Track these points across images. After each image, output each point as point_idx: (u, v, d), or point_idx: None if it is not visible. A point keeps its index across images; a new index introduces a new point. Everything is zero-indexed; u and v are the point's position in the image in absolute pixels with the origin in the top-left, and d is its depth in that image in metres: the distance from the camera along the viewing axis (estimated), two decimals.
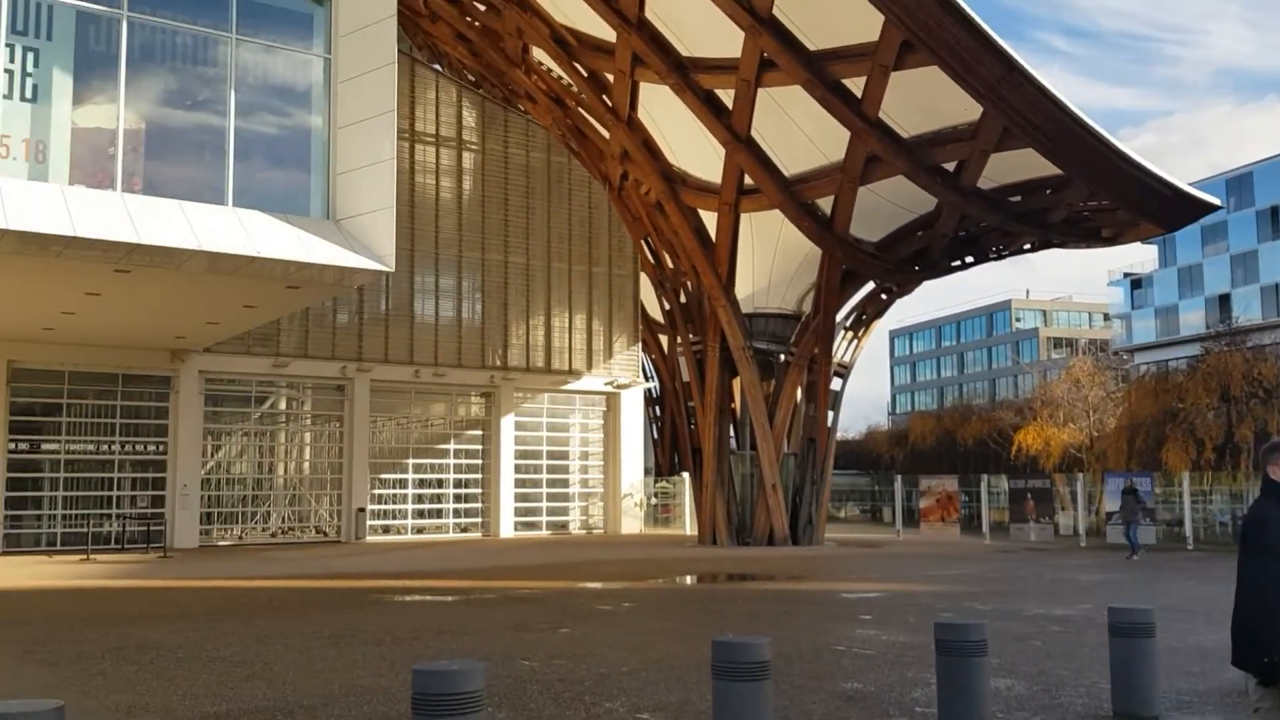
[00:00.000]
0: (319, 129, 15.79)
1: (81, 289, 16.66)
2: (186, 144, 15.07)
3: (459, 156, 29.71)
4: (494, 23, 25.60)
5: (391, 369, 27.97)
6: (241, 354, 25.66)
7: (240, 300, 17.77)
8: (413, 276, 28.48)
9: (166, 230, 13.38)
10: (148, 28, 14.72)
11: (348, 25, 16.00)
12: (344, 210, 15.15)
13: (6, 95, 13.46)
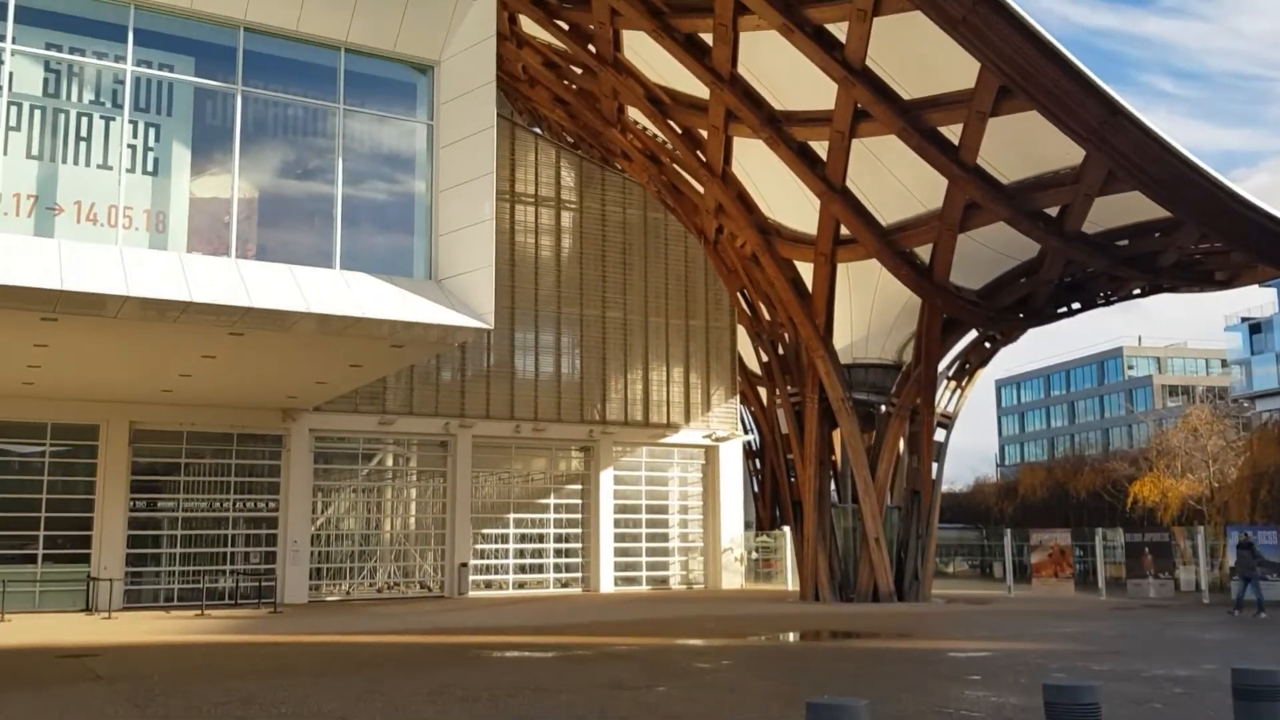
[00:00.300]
0: (422, 193, 16.32)
1: (198, 352, 17.36)
2: (297, 210, 15.71)
3: (558, 215, 30.28)
4: (590, 85, 26.14)
5: (493, 425, 28.38)
6: (349, 412, 26.35)
7: (347, 360, 18.30)
8: (513, 333, 28.97)
9: (277, 294, 13.91)
10: (261, 101, 15.46)
11: (449, 93, 16.55)
12: (446, 270, 15.56)
13: (130, 169, 14.25)
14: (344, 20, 15.82)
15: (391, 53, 16.41)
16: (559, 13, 23.35)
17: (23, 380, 20.22)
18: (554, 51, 25.80)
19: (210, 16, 15.13)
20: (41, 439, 23.68)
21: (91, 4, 14.57)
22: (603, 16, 21.84)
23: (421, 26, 16.33)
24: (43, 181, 13.94)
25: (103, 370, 19.62)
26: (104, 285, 13.20)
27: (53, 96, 14.26)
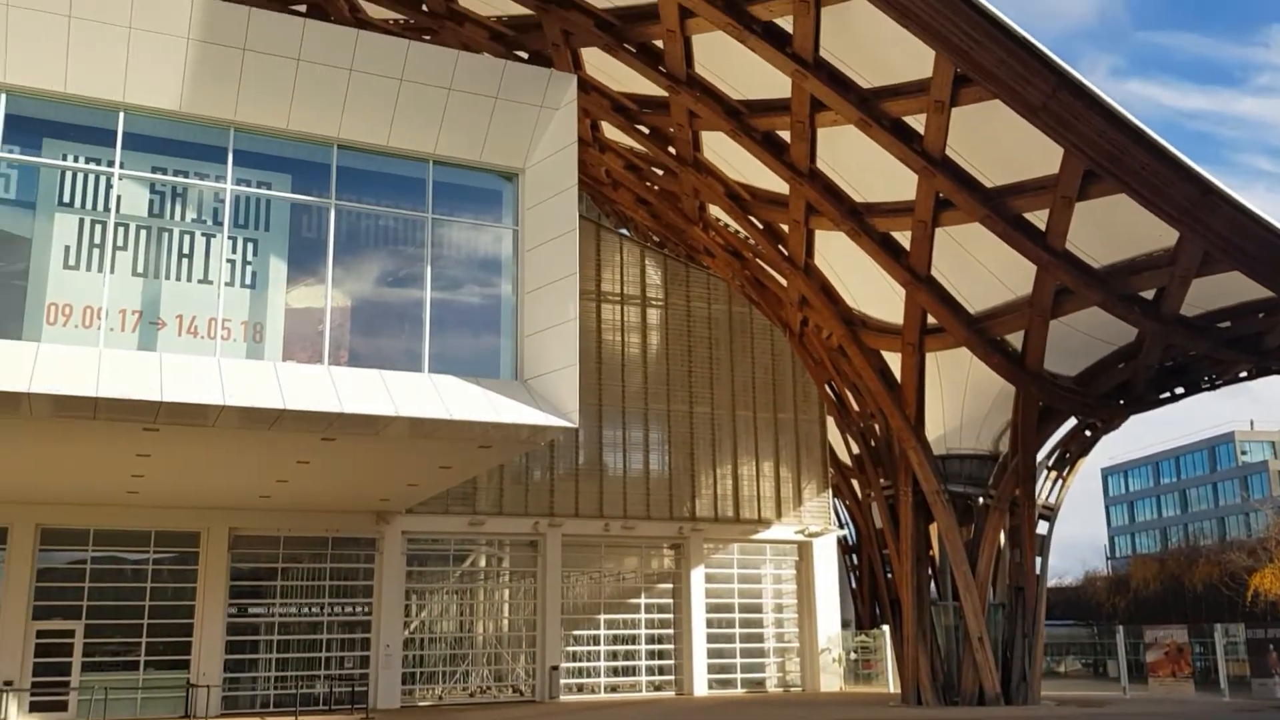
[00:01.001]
0: (508, 295, 16.65)
1: (294, 458, 17.75)
2: (388, 316, 16.13)
3: (644, 313, 30.53)
4: (671, 185, 26.57)
5: (582, 523, 28.29)
6: (441, 513, 26.54)
7: (437, 461, 18.51)
8: (601, 431, 29.03)
9: (368, 399, 14.21)
10: (354, 214, 16.05)
11: (533, 199, 17.00)
12: (531, 370, 15.74)
13: (229, 283, 14.84)
14: (432, 134, 16.43)
15: (478, 162, 16.96)
16: (639, 117, 23.90)
17: (128, 489, 20.88)
18: (635, 154, 26.36)
19: (306, 135, 15.86)
20: (146, 546, 24.31)
21: (194, 128, 15.42)
22: (681, 119, 22.28)
23: (506, 137, 16.87)
24: (147, 297, 14.59)
25: (203, 478, 20.16)
26: (203, 396, 13.64)
27: (158, 216, 15.01)
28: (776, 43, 18.77)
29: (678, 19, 19.36)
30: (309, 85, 15.49)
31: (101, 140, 14.84)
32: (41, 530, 23.23)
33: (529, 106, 16.84)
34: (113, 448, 16.71)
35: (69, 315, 14.14)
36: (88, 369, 13.43)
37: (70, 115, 14.82)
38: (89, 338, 14.07)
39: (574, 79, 17.43)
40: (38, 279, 14.20)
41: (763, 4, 18.24)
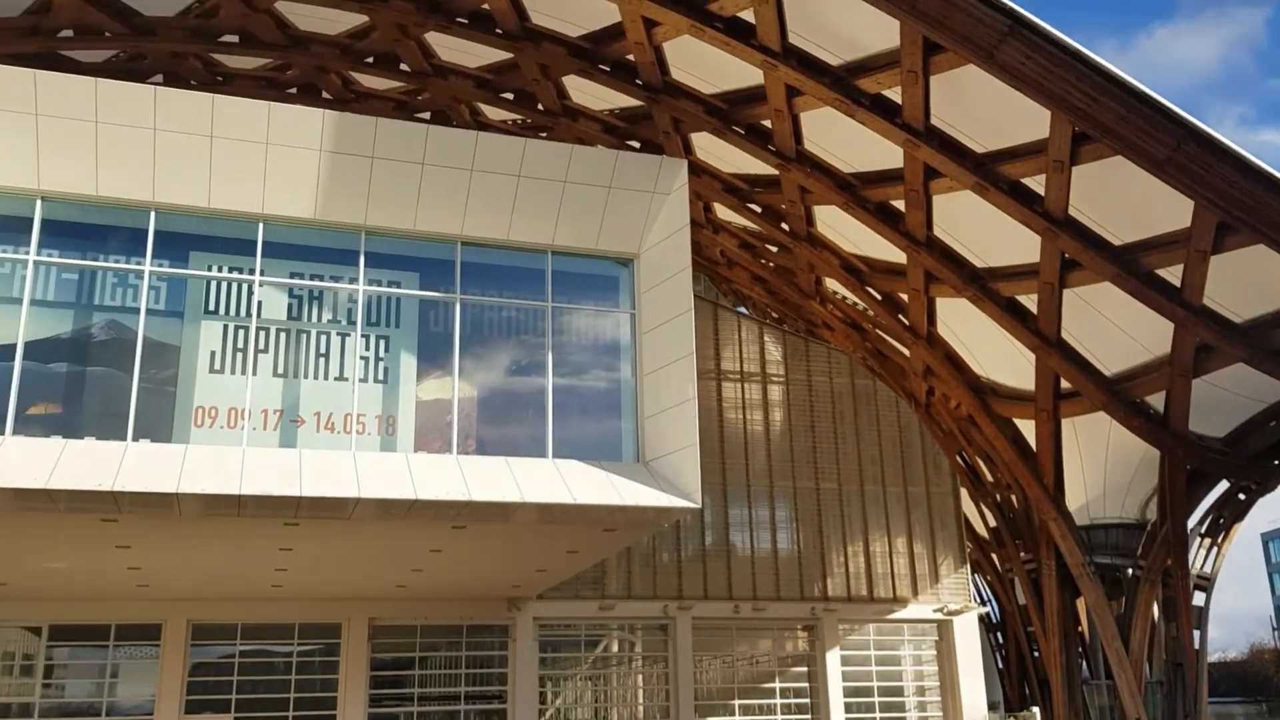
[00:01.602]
0: (627, 378, 16.85)
1: (427, 546, 18.12)
2: (512, 404, 16.48)
3: (765, 390, 30.39)
4: (786, 261, 26.64)
5: (711, 606, 27.93)
6: (571, 598, 26.59)
7: (564, 546, 18.64)
8: (726, 511, 28.80)
9: (494, 486, 14.48)
10: (477, 307, 16.57)
11: (648, 282, 17.26)
12: (652, 452, 15.81)
13: (363, 379, 15.44)
14: (550, 225, 16.92)
15: (594, 250, 17.36)
16: (750, 196, 24.14)
17: (272, 584, 21.59)
18: (748, 233, 26.56)
19: (431, 235, 16.53)
20: (290, 639, 24.99)
21: (328, 234, 16.22)
22: (793, 195, 22.40)
23: (621, 224, 17.24)
24: (287, 396, 15.27)
25: (343, 569, 20.72)
26: (340, 489, 14.12)
27: (296, 319, 15.77)
28: (886, 114, 18.80)
29: (784, 98, 19.60)
30: (433, 187, 16.18)
31: (243, 250, 15.74)
32: (193, 625, 24.12)
33: (642, 193, 17.21)
34: (257, 543, 17.36)
35: (215, 417, 14.89)
36: (233, 468, 14.06)
37: (213, 228, 15.78)
38: (234, 438, 14.77)
39: (685, 164, 17.78)
40: (186, 383, 15.02)
41: (870, 77, 18.34)
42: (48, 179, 14.81)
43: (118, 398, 14.62)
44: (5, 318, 14.54)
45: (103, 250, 15.35)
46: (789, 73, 18.65)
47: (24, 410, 14.24)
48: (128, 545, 17.03)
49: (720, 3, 17.73)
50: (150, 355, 14.98)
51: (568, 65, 20.80)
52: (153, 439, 14.45)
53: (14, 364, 14.25)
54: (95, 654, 23.94)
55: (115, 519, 14.90)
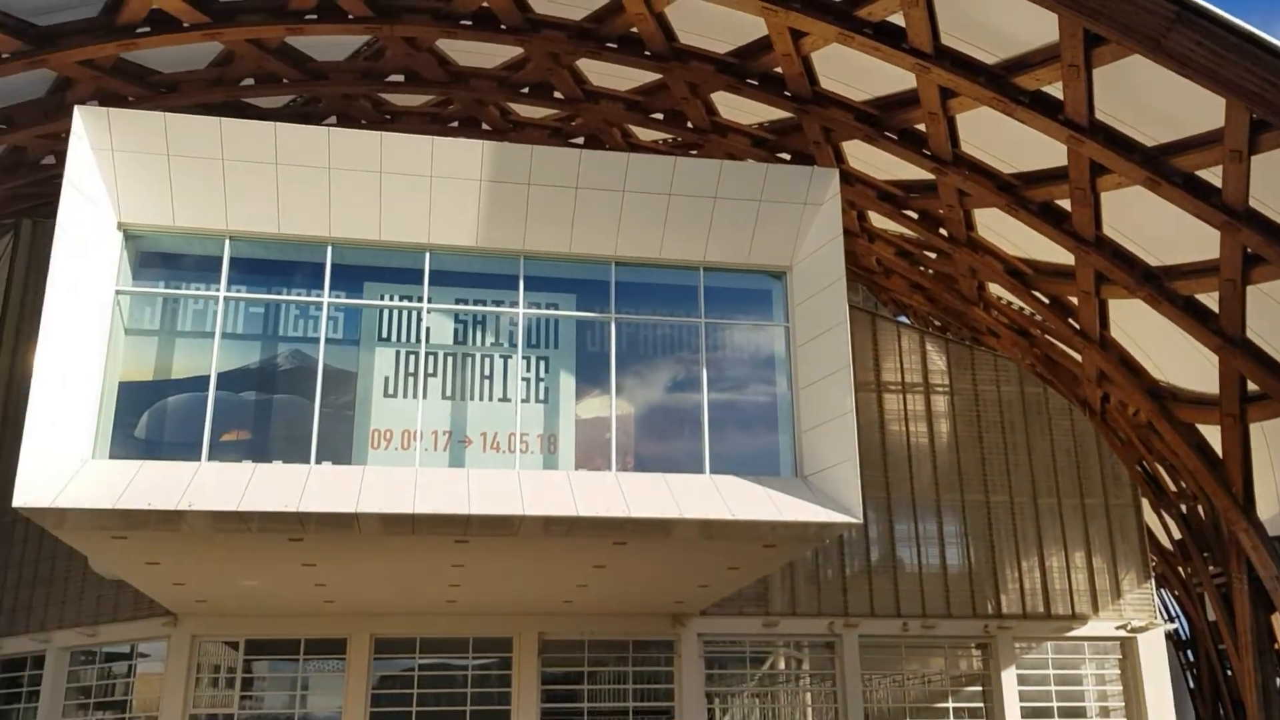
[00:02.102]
0: (783, 392, 16.80)
1: (590, 562, 18.47)
2: (668, 421, 16.68)
3: (928, 400, 29.67)
4: (946, 267, 25.98)
5: (879, 623, 27.36)
6: (734, 615, 26.54)
7: (725, 563, 18.68)
8: (892, 525, 28.20)
9: (653, 503, 14.68)
10: (632, 325, 16.87)
11: (801, 294, 17.20)
12: (811, 466, 15.71)
13: (525, 400, 15.95)
14: (701, 242, 17.08)
15: (746, 264, 17.42)
16: (906, 203, 23.69)
17: (447, 599, 22.42)
18: (905, 240, 26.05)
19: (586, 256, 16.94)
20: (465, 653, 25.83)
21: (489, 260, 16.84)
22: (951, 199, 21.87)
23: (773, 237, 17.25)
24: (455, 418, 15.92)
25: (512, 585, 21.33)
26: (506, 507, 14.59)
27: (461, 344, 16.43)
28: (1047, 110, 18.16)
29: (939, 100, 19.18)
30: (587, 209, 16.59)
31: (412, 279, 16.51)
32: (375, 640, 25.22)
33: (793, 205, 17.18)
34: (431, 560, 18.07)
35: (390, 439, 15.65)
36: (406, 488, 14.73)
37: (384, 259, 16.61)
38: (407, 458, 15.48)
39: (836, 173, 17.63)
40: (363, 408, 15.85)
41: (1029, 74, 17.76)
42: (234, 219, 15.90)
43: (301, 423, 15.55)
44: (199, 351, 15.68)
45: (285, 284, 16.37)
46: (942, 74, 18.26)
47: (218, 437, 15.30)
48: (313, 563, 18.01)
49: (869, 8, 17.53)
50: (330, 382, 15.87)
51: (716, 82, 20.95)
52: (334, 461, 15.29)
53: (208, 394, 15.33)
54: (287, 667, 25.36)
55: (301, 538, 15.81)
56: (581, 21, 19.08)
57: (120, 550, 16.85)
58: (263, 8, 17.46)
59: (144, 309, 15.83)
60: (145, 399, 15.47)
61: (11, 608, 28.44)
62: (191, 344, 15.87)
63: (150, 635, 25.02)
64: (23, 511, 13.91)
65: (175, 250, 16.11)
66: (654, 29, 19.43)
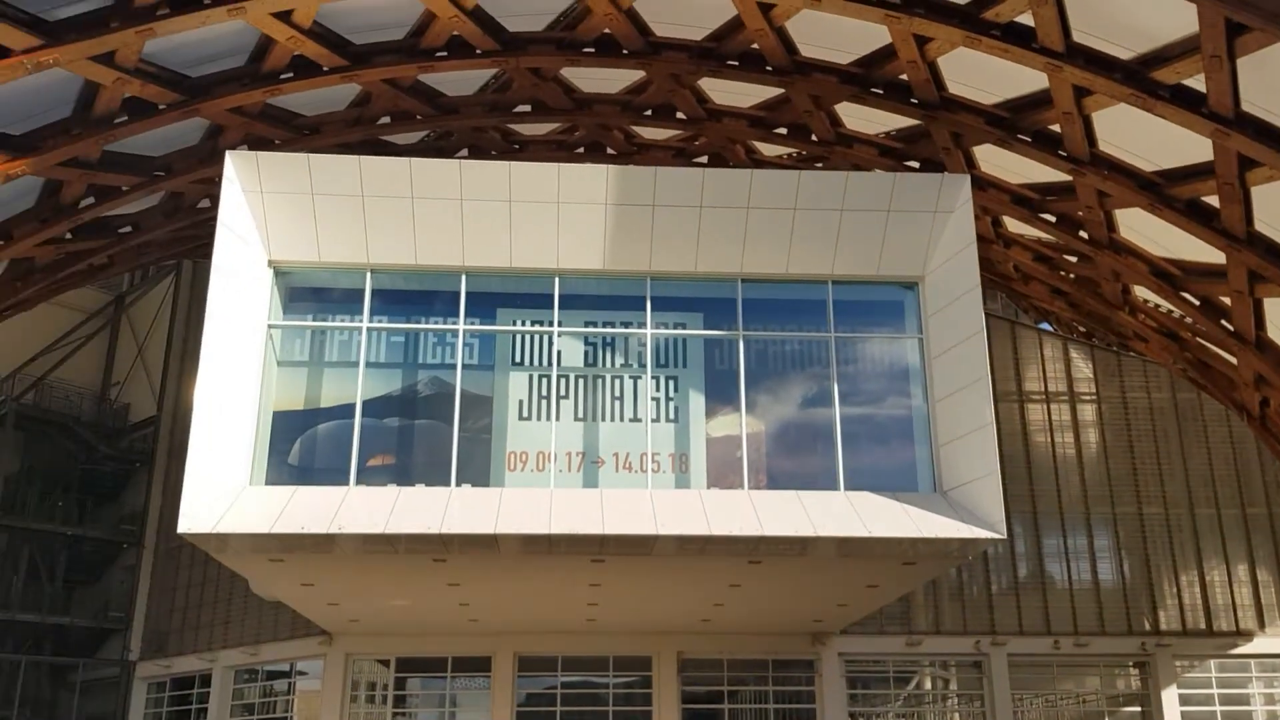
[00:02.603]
0: (919, 405, 16.48)
1: (726, 581, 18.43)
2: (800, 437, 16.55)
3: (1074, 410, 28.64)
4: (1087, 271, 25.02)
5: (1027, 641, 26.43)
6: (875, 634, 26.07)
7: (862, 581, 18.37)
8: (1039, 540, 27.24)
9: (787, 521, 14.58)
10: (760, 342, 16.83)
11: (935, 305, 16.85)
12: (949, 481, 15.33)
13: (655, 419, 16.07)
14: (828, 255, 16.93)
15: (876, 276, 17.18)
16: (1043, 206, 22.93)
17: (586, 618, 22.68)
18: (1043, 245, 25.20)
19: (712, 274, 17.01)
20: (606, 671, 26.07)
21: (617, 282, 17.08)
22: (1090, 201, 21.08)
23: (902, 247, 16.97)
24: (588, 439, 16.16)
25: (649, 604, 21.45)
26: (639, 527, 14.72)
27: (592, 366, 16.69)
28: (1189, 104, 17.34)
29: (1073, 100, 18.54)
30: (712, 227, 16.66)
31: (543, 304, 16.88)
32: (519, 658, 25.70)
33: (923, 214, 16.89)
34: (570, 579, 18.35)
35: (525, 461, 16.00)
36: (543, 508, 15.02)
37: (516, 285, 17.04)
38: (542, 480, 15.79)
39: (967, 179, 17.25)
40: (499, 431, 16.25)
41: (1167, 67, 17.01)
42: (375, 252, 16.57)
43: (442, 447, 16.06)
44: (346, 380, 16.37)
45: (423, 313, 16.96)
46: (1076, 72, 17.65)
47: (365, 462, 15.92)
48: (457, 583, 18.52)
49: (996, 9, 17.11)
50: (468, 406, 16.34)
51: (840, 93, 20.73)
52: (474, 483, 15.71)
53: (355, 421, 15.98)
54: (437, 684, 26.08)
55: (444, 559, 16.29)
56: (702, 41, 19.18)
57: (277, 573, 17.67)
58: (396, 48, 18.14)
59: (294, 341, 16.62)
60: (297, 427, 16.23)
61: (180, 629, 30.15)
62: (338, 373, 16.59)
63: (308, 654, 26.11)
64: (187, 537, 14.75)
65: (321, 284, 16.89)
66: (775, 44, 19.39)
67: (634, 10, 17.22)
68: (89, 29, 14.30)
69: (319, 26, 16.39)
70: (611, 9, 16.77)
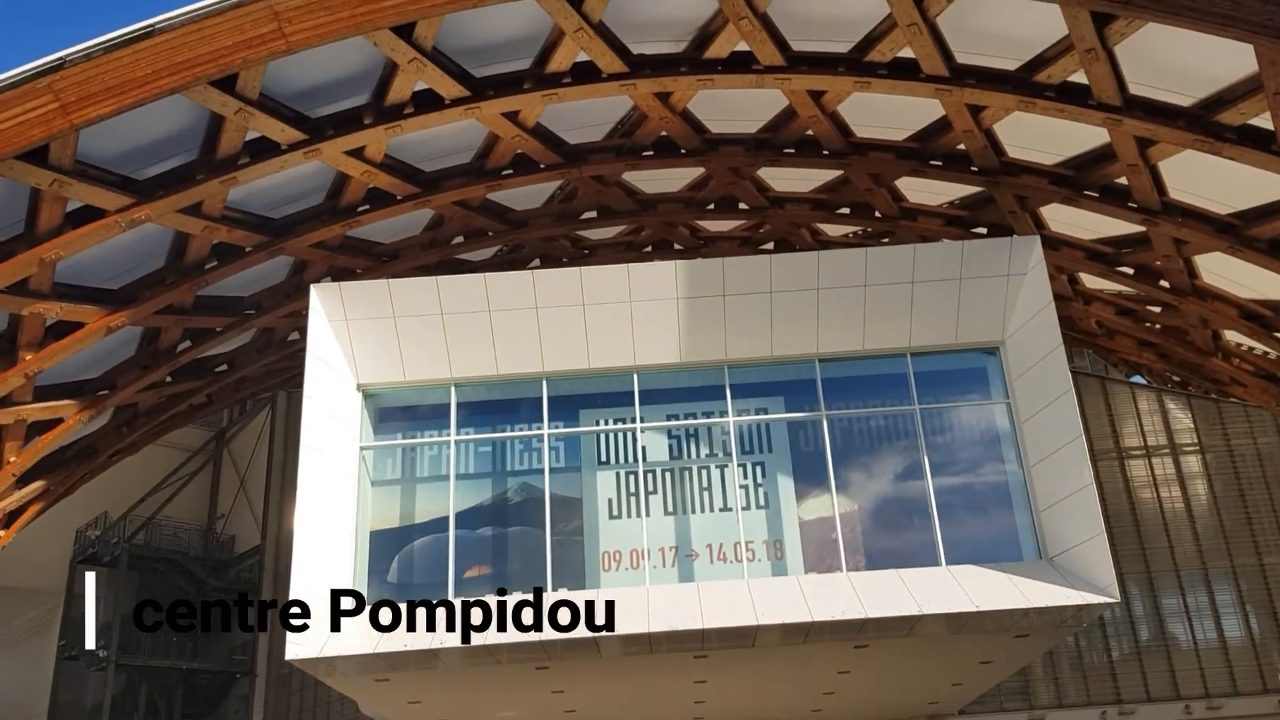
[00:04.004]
0: (1014, 471, 16.17)
1: (834, 667, 18.03)
2: (894, 514, 16.32)
3: (1176, 462, 27.73)
4: (1173, 320, 24.47)
5: (1157, 709, 25.20)
6: (996, 711, 25.14)
7: (975, 657, 17.81)
8: (1156, 600, 26.16)
9: (890, 601, 14.31)
10: (845, 420, 16.75)
11: (1019, 368, 16.64)
12: (1055, 546, 14.95)
13: (745, 507, 16.01)
14: (904, 328, 16.89)
15: (954, 345, 17.07)
16: (1119, 259, 22.62)
17: (693, 716, 22.28)
18: (1124, 297, 24.77)
19: (788, 357, 17.07)
20: None
21: (694, 373, 17.23)
22: (1166, 249, 20.74)
23: (979, 313, 16.87)
24: (680, 532, 16.14)
25: (757, 697, 21.01)
26: (739, 618, 14.56)
27: (677, 459, 16.75)
28: (1257, 144, 17.10)
29: (1136, 151, 18.41)
30: (784, 311, 16.77)
31: (623, 402, 17.07)
32: None
33: (997, 278, 16.80)
34: (674, 677, 18.12)
35: (619, 560, 16.01)
36: (640, 607, 14.96)
37: (596, 386, 17.29)
38: (637, 578, 15.76)
39: (1037, 240, 17.16)
40: (591, 532, 16.33)
41: (1231, 109, 16.85)
42: (457, 367, 17.01)
43: (535, 552, 16.16)
44: (437, 494, 16.67)
45: (508, 421, 17.27)
46: (1137, 124, 17.56)
47: (462, 574, 16.10)
48: (562, 690, 18.41)
49: (1047, 71, 17.19)
50: (558, 510, 16.49)
51: (898, 169, 20.90)
52: (569, 587, 15.74)
53: (449, 534, 16.22)
54: None
55: (547, 666, 16.25)
56: (757, 133, 19.59)
57: (385, 691, 17.80)
58: (464, 171, 18.87)
59: (386, 461, 17.04)
60: (394, 545, 16.52)
61: None
62: (430, 488, 16.91)
63: None
64: (296, 663, 15.00)
65: (408, 403, 17.36)
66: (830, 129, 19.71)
67: (688, 111, 17.70)
68: (176, 184, 15.19)
69: (390, 159, 17.17)
70: (666, 112, 17.27)
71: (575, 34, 14.60)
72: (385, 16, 13.34)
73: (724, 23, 15.13)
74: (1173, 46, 16.42)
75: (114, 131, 13.62)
